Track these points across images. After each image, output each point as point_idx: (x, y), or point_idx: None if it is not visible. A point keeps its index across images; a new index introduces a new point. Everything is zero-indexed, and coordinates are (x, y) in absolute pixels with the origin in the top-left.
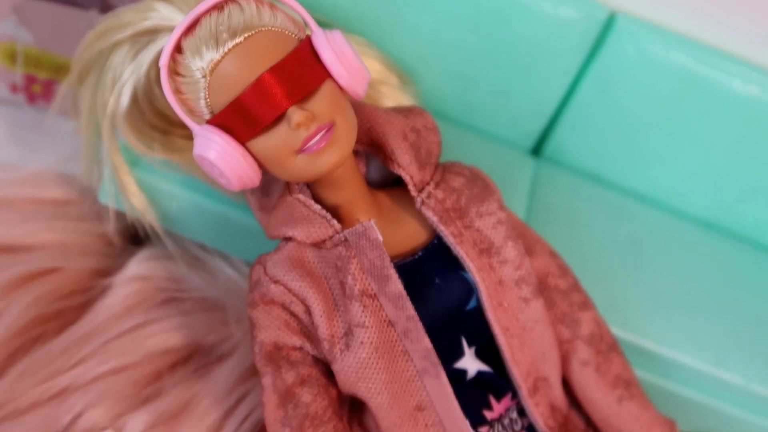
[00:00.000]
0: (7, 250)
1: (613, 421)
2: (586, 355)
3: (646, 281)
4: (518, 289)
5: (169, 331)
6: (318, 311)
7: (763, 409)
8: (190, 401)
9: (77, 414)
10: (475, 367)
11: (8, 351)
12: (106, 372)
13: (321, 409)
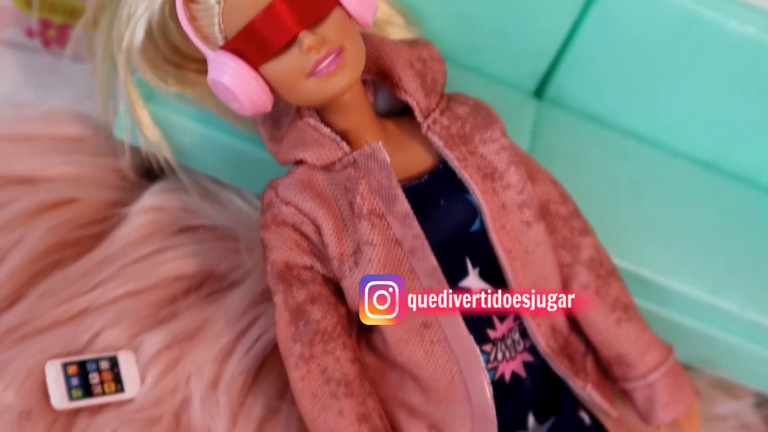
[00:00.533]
0: (25, 181)
1: (612, 342)
2: (586, 279)
3: (645, 216)
4: (520, 212)
5: (183, 258)
6: (328, 230)
7: (757, 336)
8: (204, 324)
9: (95, 333)
10: (479, 287)
11: (29, 274)
12: (122, 294)
13: (331, 326)
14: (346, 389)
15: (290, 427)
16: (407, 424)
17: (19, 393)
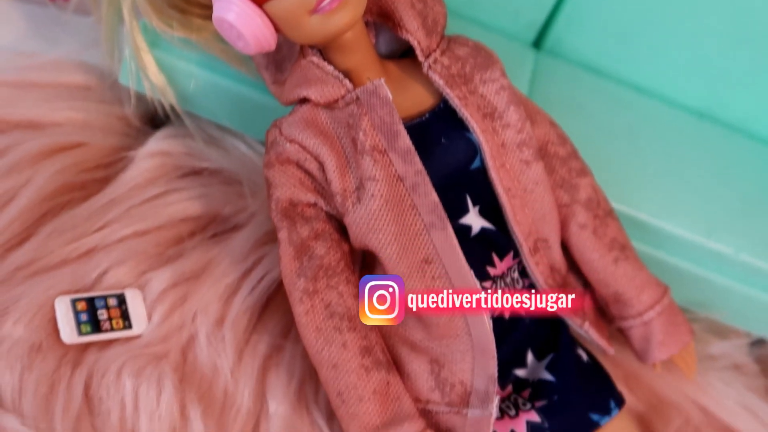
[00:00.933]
0: (32, 125)
1: (609, 281)
2: (584, 219)
3: (642, 162)
4: (520, 151)
5: (189, 201)
6: (331, 167)
7: (751, 278)
8: (209, 264)
9: (103, 271)
10: (479, 224)
11: (37, 214)
12: (129, 235)
13: (334, 261)
14: (350, 323)
15: (294, 365)
16: (409, 359)
17: (30, 327)
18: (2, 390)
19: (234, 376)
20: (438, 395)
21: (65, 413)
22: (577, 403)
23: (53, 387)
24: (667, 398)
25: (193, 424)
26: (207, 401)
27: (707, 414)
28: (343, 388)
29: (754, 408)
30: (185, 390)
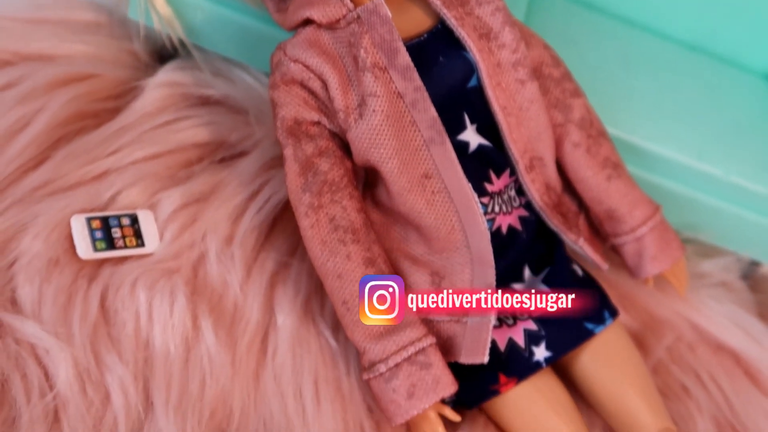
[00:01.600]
0: (43, 58)
1: (603, 198)
2: (578, 138)
3: (635, 89)
4: (515, 71)
5: (197, 127)
6: (334, 84)
7: (740, 199)
8: (218, 185)
9: (116, 192)
10: (477, 141)
11: (52, 139)
12: (141, 158)
13: (338, 177)
14: (353, 236)
15: (300, 281)
16: (410, 272)
17: (47, 242)
18: (22, 300)
19: (243, 291)
20: None
21: (82, 323)
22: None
23: (70, 298)
24: (660, 317)
25: (205, 334)
26: (218, 313)
27: (699, 331)
28: (347, 296)
29: (745, 324)
30: (197, 302)
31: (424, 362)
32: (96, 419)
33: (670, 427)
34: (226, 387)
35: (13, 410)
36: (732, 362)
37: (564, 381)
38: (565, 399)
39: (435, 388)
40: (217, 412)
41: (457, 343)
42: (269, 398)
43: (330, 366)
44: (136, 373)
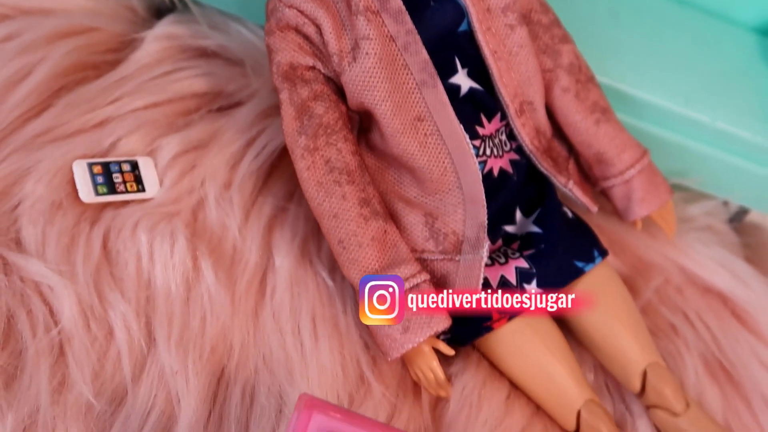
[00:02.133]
0: (43, 11)
1: (592, 141)
2: (567, 83)
3: (623, 42)
4: (504, 16)
5: (195, 78)
6: (328, 29)
7: (726, 145)
8: (216, 133)
9: (117, 139)
10: (468, 84)
11: (53, 88)
12: (140, 107)
13: (332, 120)
14: (348, 177)
15: (298, 224)
16: (404, 213)
17: (50, 186)
18: (26, 241)
19: (242, 234)
20: (432, 244)
21: (85, 262)
22: (563, 251)
23: (73, 240)
24: (648, 260)
25: (205, 274)
26: (217, 255)
27: (687, 273)
28: (343, 236)
29: (732, 266)
30: (196, 244)
31: None
32: (100, 353)
33: (658, 362)
34: (226, 324)
35: (19, 344)
36: (719, 303)
37: (555, 319)
38: (557, 335)
39: (429, 322)
40: (217, 347)
41: (450, 280)
42: (268, 335)
43: (327, 304)
44: (139, 311)
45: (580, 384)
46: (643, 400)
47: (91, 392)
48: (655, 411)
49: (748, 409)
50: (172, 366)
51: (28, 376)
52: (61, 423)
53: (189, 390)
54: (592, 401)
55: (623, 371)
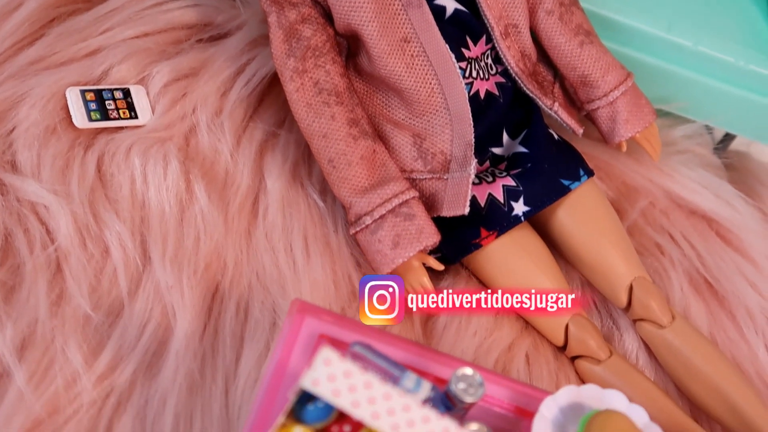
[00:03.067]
0: None
1: (576, 64)
2: (551, 6)
3: None
4: None
5: (185, 8)
6: None
7: (709, 69)
8: (206, 61)
9: (109, 67)
10: (453, 6)
11: (44, 19)
12: (131, 36)
13: (320, 42)
14: (337, 98)
15: (288, 150)
16: (393, 135)
17: (44, 112)
18: (22, 164)
19: (233, 158)
20: (421, 164)
21: (80, 185)
22: (549, 170)
23: (68, 163)
24: (635, 185)
25: (198, 195)
26: (209, 177)
27: (672, 197)
28: (333, 155)
29: (716, 188)
30: (189, 167)
31: (408, 213)
32: (97, 270)
33: (644, 277)
34: (220, 243)
35: (17, 259)
36: (704, 224)
37: (543, 239)
38: (544, 252)
39: (419, 237)
40: (211, 265)
41: (439, 199)
42: (261, 253)
43: (318, 224)
44: (134, 230)
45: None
46: (630, 314)
47: (88, 305)
48: (641, 324)
49: (733, 322)
50: (167, 281)
51: (26, 289)
52: (59, 334)
53: (184, 303)
54: (579, 315)
55: (610, 286)
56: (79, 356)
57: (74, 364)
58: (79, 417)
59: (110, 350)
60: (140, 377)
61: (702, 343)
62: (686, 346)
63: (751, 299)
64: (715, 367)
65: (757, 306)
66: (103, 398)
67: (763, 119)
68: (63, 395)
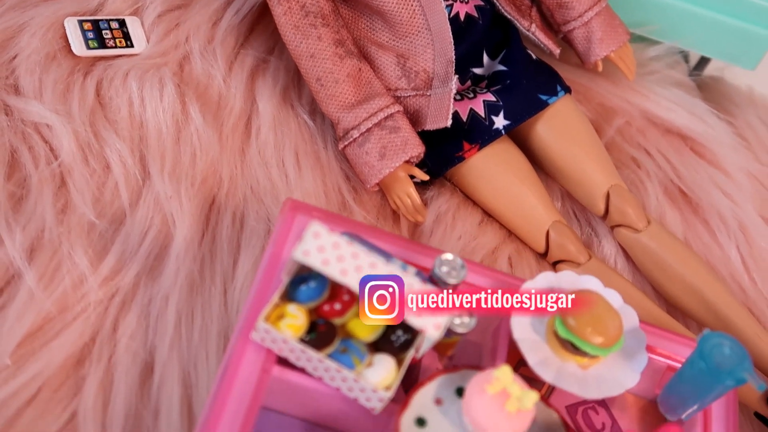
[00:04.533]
0: None
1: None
2: None
3: None
4: None
5: None
6: None
7: None
8: None
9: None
10: None
11: None
12: None
13: None
14: (323, 20)
15: (278, 74)
16: (377, 56)
17: (44, 40)
18: (24, 87)
19: (226, 83)
20: (405, 82)
21: (81, 107)
22: (528, 86)
23: (68, 87)
24: (612, 106)
25: (193, 116)
26: (204, 100)
27: (648, 116)
28: (321, 73)
29: (689, 105)
30: (184, 90)
31: (393, 126)
32: (99, 183)
33: (620, 185)
34: (215, 159)
35: (24, 173)
36: (679, 141)
37: (524, 153)
38: (525, 164)
39: (404, 147)
40: (207, 179)
41: (423, 114)
42: (255, 168)
43: (309, 142)
44: (133, 148)
45: (547, 207)
46: (608, 221)
47: (93, 214)
48: (618, 230)
49: (706, 228)
50: (166, 192)
51: (33, 200)
52: (66, 240)
53: (183, 212)
54: (559, 222)
55: (588, 195)
56: (85, 260)
57: (81, 267)
58: (87, 314)
59: (114, 254)
60: (143, 278)
61: (676, 245)
62: (661, 248)
63: (723, 206)
64: (688, 266)
65: (730, 212)
66: (109, 298)
67: (734, 41)
68: (71, 295)
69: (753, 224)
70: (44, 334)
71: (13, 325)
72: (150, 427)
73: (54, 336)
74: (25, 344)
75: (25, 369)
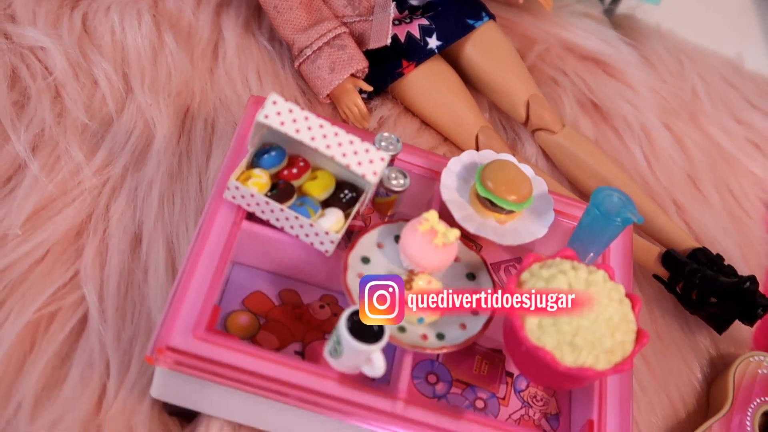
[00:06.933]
0: None
1: None
2: None
3: None
4: None
5: None
6: None
7: None
8: None
9: None
10: None
11: None
12: None
13: None
14: None
15: (240, 8)
16: None
17: None
18: (20, 17)
19: (195, 15)
20: (350, 10)
21: (70, 34)
22: (456, 11)
23: (58, 18)
24: (533, 36)
25: (167, 42)
26: (176, 29)
27: (566, 44)
28: (277, 2)
29: (602, 34)
30: (159, 21)
31: (341, 45)
32: (89, 95)
33: (538, 94)
34: (188, 76)
35: (24, 84)
36: (593, 65)
37: (456, 71)
38: (456, 80)
39: (350, 62)
40: (182, 93)
41: (366, 35)
42: (222, 84)
43: (269, 63)
44: (116, 67)
45: (476, 115)
46: (528, 126)
47: (85, 117)
48: (538, 134)
49: (615, 133)
50: (146, 101)
51: (33, 106)
52: (63, 138)
53: (162, 116)
54: (487, 127)
55: (511, 104)
56: (80, 154)
57: (77, 159)
58: (84, 197)
59: (104, 150)
60: (130, 169)
61: (587, 144)
62: (574, 146)
63: (629, 113)
64: (598, 160)
65: (635, 119)
66: (101, 184)
67: None
68: (69, 181)
69: (654, 128)
70: (48, 211)
71: (21, 204)
72: (140, 281)
73: (56, 213)
74: (32, 219)
75: (33, 238)
